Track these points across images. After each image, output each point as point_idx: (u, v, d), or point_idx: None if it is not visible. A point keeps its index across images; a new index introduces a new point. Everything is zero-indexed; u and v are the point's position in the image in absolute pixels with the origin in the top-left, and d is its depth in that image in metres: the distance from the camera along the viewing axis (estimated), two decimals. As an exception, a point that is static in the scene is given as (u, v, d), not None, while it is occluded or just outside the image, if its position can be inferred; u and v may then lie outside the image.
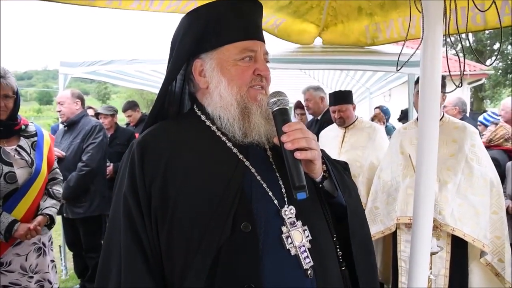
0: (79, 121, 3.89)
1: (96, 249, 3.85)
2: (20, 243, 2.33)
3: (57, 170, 2.68)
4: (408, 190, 2.65)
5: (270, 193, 1.13)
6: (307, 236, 1.11)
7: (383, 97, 11.17)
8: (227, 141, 1.18)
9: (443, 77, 2.76)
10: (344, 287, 1.18)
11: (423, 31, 1.16)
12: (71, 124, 3.90)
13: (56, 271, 2.75)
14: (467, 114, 5.55)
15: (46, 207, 2.47)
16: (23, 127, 2.46)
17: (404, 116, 5.81)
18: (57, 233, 4.89)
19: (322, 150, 1.44)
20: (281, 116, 1.11)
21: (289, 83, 8.10)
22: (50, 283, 2.49)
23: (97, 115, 5.16)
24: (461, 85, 1.23)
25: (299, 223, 1.12)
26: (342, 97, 3.73)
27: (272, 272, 1.04)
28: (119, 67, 4.17)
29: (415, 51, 1.31)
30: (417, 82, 2.81)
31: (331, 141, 3.81)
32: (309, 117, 5.26)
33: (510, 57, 24.52)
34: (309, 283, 1.06)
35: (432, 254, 1.77)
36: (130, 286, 1.04)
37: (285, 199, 1.13)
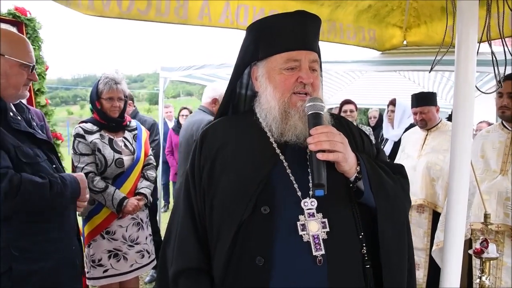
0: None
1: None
2: (122, 217, 2.80)
3: (151, 157, 3.12)
4: (484, 195, 2.53)
5: (296, 185, 1.25)
6: (325, 228, 1.20)
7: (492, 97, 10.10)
8: (270, 137, 1.33)
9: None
10: (364, 284, 1.24)
11: (452, 34, 1.20)
12: None
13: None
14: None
15: (142, 187, 2.92)
16: (128, 123, 2.98)
17: None
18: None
19: (379, 150, 1.52)
20: (312, 120, 1.22)
21: (384, 84, 7.94)
22: (149, 253, 2.95)
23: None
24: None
25: (319, 215, 1.22)
26: (425, 99, 3.63)
27: (282, 251, 1.19)
28: (211, 70, 4.58)
29: (444, 54, 1.34)
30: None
31: (413, 143, 3.72)
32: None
33: None
34: (318, 270, 1.17)
35: (490, 259, 1.72)
36: (180, 251, 1.30)
37: (310, 192, 1.24)
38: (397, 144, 4.75)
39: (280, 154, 1.31)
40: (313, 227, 1.19)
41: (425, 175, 3.30)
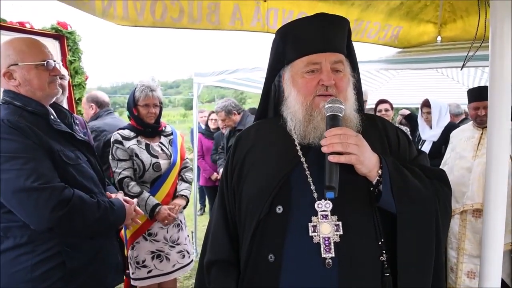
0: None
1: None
2: (168, 223, 2.88)
3: (187, 160, 3.20)
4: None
5: (313, 187, 1.25)
6: (338, 231, 1.19)
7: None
8: (295, 139, 1.35)
9: None
10: None
11: (485, 27, 1.16)
12: None
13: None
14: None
15: (182, 189, 3.03)
16: (163, 128, 3.08)
17: None
18: (191, 222, 5.51)
19: (420, 152, 1.45)
20: (329, 122, 1.21)
21: (420, 81, 7.72)
22: (188, 253, 3.05)
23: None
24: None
25: (333, 217, 1.20)
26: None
27: (291, 250, 1.21)
28: (244, 75, 4.61)
29: (477, 49, 1.29)
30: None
31: (465, 142, 3.40)
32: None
33: None
34: (327, 272, 1.16)
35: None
36: (213, 244, 1.42)
37: None
38: (435, 144, 4.60)
39: (302, 156, 1.32)
40: (325, 229, 1.19)
41: (483, 178, 2.99)
